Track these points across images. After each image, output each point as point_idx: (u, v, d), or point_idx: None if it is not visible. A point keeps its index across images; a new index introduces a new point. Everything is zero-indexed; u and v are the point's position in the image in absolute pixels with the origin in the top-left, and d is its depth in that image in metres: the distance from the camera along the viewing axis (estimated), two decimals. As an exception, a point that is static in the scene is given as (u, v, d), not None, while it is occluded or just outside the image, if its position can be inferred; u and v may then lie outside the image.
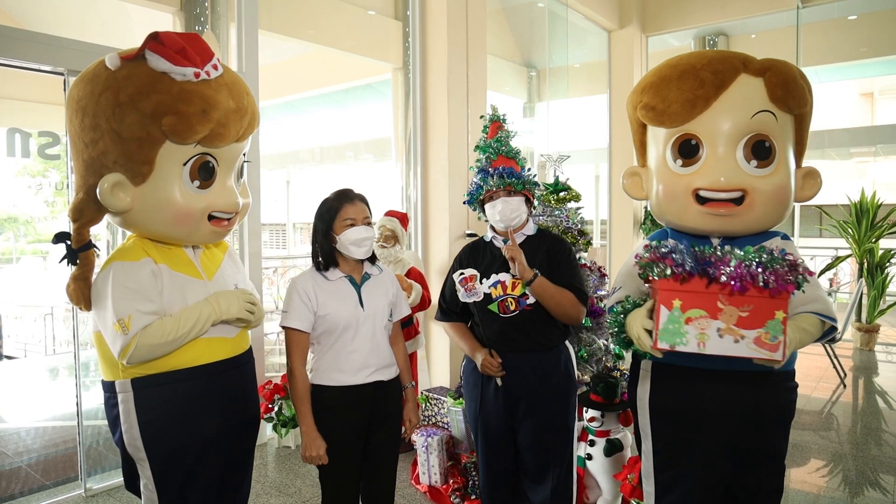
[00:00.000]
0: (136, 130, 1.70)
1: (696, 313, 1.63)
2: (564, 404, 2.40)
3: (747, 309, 1.58)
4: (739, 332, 1.59)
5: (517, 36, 7.17)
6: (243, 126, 1.85)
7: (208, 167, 1.82)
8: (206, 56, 1.78)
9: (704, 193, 1.85)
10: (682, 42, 8.16)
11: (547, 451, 2.36)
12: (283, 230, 15.34)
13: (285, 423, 3.95)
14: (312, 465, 2.10)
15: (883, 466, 3.72)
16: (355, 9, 4.84)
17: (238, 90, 1.85)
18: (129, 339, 1.67)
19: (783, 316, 1.56)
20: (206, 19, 3.74)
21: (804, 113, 1.90)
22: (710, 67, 1.83)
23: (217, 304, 1.83)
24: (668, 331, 1.65)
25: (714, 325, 1.61)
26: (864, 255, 7.07)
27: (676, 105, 1.86)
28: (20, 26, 3.47)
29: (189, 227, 1.84)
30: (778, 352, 1.57)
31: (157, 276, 1.78)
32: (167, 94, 1.69)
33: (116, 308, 1.69)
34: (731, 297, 1.59)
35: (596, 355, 3.29)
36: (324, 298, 2.11)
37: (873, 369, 6.23)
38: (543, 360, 2.35)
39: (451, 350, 4.48)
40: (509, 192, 2.34)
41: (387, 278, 2.27)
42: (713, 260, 1.61)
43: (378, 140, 8.80)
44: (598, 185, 8.02)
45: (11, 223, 15.51)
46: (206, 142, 1.77)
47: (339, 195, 2.17)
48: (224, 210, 1.88)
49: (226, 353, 1.90)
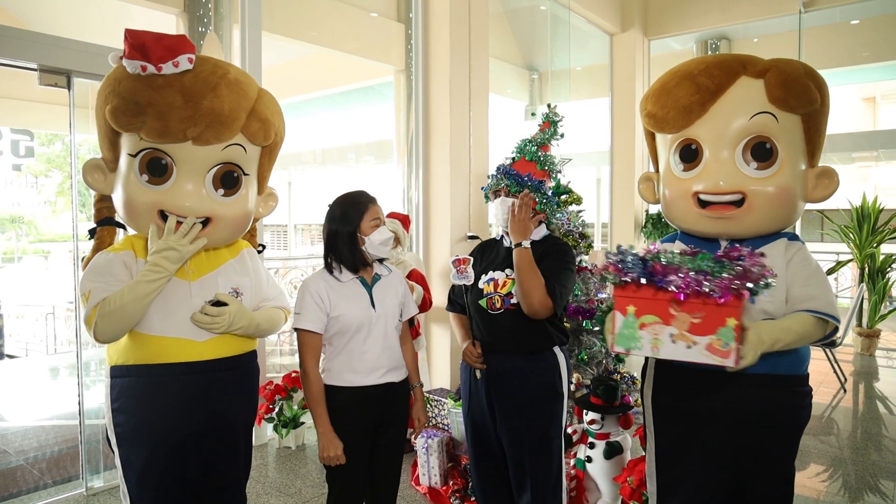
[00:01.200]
0: (100, 119, 1.86)
1: (650, 319, 1.67)
2: (545, 415, 2.32)
3: (699, 316, 1.61)
4: (692, 339, 1.62)
5: (519, 39, 7.18)
6: (196, 127, 1.78)
7: (160, 164, 1.82)
8: (172, 53, 1.78)
9: (704, 197, 1.87)
10: (684, 46, 8.16)
11: (521, 460, 2.31)
12: (285, 231, 15.36)
13: (286, 423, 3.95)
14: (330, 464, 2.11)
15: (883, 472, 3.72)
16: (357, 11, 4.85)
17: (197, 89, 1.79)
18: (90, 309, 1.76)
19: (735, 323, 1.57)
20: (209, 20, 3.75)
21: (812, 112, 1.84)
22: (707, 73, 1.85)
23: (166, 262, 1.80)
24: (624, 335, 1.72)
25: (667, 331, 1.65)
26: (866, 260, 7.07)
27: (674, 111, 1.89)
28: (23, 26, 3.48)
29: (137, 220, 1.88)
30: (730, 358, 1.59)
31: (128, 267, 1.86)
32: (114, 85, 1.80)
33: (83, 284, 1.82)
34: (682, 305, 1.62)
35: (596, 358, 3.30)
36: (336, 300, 2.11)
37: (874, 374, 6.22)
38: (526, 365, 2.31)
39: (451, 352, 4.49)
40: (511, 194, 2.38)
41: (396, 279, 2.28)
42: (659, 269, 1.64)
43: (380, 142, 8.82)
44: (599, 188, 8.03)
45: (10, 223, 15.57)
46: (148, 136, 1.78)
47: (360, 197, 2.17)
48: (176, 211, 1.84)
49: (194, 355, 1.87)
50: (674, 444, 1.95)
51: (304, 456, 3.90)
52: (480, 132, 4.81)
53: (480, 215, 4.74)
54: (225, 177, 1.90)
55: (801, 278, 1.81)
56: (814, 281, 1.80)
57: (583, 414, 3.12)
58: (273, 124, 1.97)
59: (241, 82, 1.91)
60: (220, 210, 1.90)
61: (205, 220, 1.88)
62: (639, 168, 7.39)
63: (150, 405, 1.85)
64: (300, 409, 4.00)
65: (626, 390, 3.19)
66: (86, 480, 3.37)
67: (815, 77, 1.85)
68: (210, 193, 1.89)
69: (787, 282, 1.81)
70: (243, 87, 1.90)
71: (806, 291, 1.78)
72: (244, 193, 1.96)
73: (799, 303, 1.78)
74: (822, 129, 1.90)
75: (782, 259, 1.84)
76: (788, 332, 1.72)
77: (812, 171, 1.90)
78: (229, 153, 1.88)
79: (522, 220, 2.25)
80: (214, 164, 1.87)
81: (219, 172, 1.88)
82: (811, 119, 1.85)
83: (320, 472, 3.63)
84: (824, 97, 1.86)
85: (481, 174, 4.74)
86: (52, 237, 16.78)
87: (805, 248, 1.89)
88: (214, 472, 1.98)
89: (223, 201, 1.91)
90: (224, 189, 1.91)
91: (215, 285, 1.93)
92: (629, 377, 3.25)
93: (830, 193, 1.92)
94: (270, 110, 1.97)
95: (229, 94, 1.84)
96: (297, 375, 4.07)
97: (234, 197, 1.93)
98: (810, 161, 1.90)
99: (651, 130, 2.04)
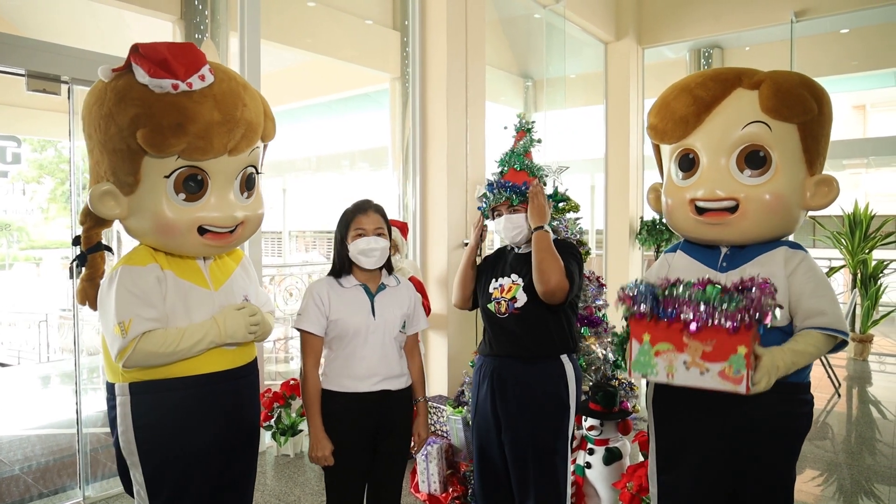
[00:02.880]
0: (117, 143, 1.71)
1: (664, 347, 1.74)
2: (549, 425, 2.31)
3: (711, 344, 1.67)
4: (704, 366, 1.69)
5: (514, 47, 7.22)
6: (234, 139, 1.78)
7: (196, 180, 1.78)
8: (194, 66, 1.72)
9: (700, 204, 1.94)
10: (677, 54, 8.23)
11: (524, 467, 2.31)
12: (279, 238, 15.33)
13: (284, 431, 3.95)
14: (318, 465, 2.14)
15: (877, 476, 3.75)
16: (353, 18, 4.87)
17: (229, 101, 1.77)
18: (127, 342, 1.69)
19: (745, 351, 1.63)
20: (205, 28, 3.76)
21: (808, 121, 1.86)
22: (703, 85, 1.94)
23: (224, 325, 1.83)
24: (640, 362, 1.79)
25: (681, 358, 1.72)
26: (858, 266, 7.14)
27: (671, 123, 1.98)
28: (19, 34, 3.48)
29: (176, 240, 1.82)
30: (741, 384, 1.65)
31: (161, 282, 1.80)
32: (144, 107, 1.67)
33: (118, 311, 1.72)
34: (693, 334, 1.69)
35: (594, 364, 3.31)
36: (336, 304, 2.16)
37: (867, 379, 6.27)
38: (531, 372, 2.31)
39: (449, 359, 4.49)
40: (511, 209, 2.40)
41: (404, 291, 2.30)
42: (671, 301, 1.72)
43: (375, 149, 8.83)
44: (593, 196, 8.06)
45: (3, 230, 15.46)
46: (186, 155, 1.72)
47: (355, 206, 2.23)
48: (216, 224, 1.84)
49: (225, 364, 1.89)
50: (674, 445, 1.97)
51: (303, 464, 3.89)
52: (477, 139, 4.83)
53: (477, 222, 4.75)
54: (248, 180, 1.93)
55: (808, 290, 1.82)
56: (822, 293, 1.82)
57: (582, 420, 3.13)
58: (274, 120, 2.02)
59: (251, 87, 1.93)
60: (248, 213, 1.93)
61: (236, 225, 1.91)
62: (633, 175, 7.43)
63: (188, 418, 1.82)
64: (298, 417, 3.99)
65: (624, 396, 3.21)
66: (83, 490, 3.35)
67: (812, 87, 1.88)
68: (239, 200, 1.90)
69: (792, 291, 1.83)
70: (255, 92, 1.93)
71: (815, 306, 1.80)
72: (259, 192, 2.00)
73: (809, 318, 1.81)
74: (822, 138, 1.92)
75: (781, 267, 1.86)
76: (803, 356, 1.77)
77: (811, 180, 1.92)
78: (253, 156, 1.91)
79: (541, 205, 2.33)
80: (241, 170, 1.89)
81: (243, 177, 1.90)
82: (808, 128, 1.87)
83: (319, 480, 3.62)
84: (822, 107, 1.88)
85: (478, 181, 4.76)
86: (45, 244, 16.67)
87: (809, 256, 1.91)
88: (240, 480, 2.00)
89: (247, 203, 1.94)
90: (247, 191, 1.93)
91: (233, 293, 1.95)
92: (627, 383, 3.27)
93: (829, 202, 1.93)
94: (269, 107, 2.02)
95: (252, 101, 1.86)
96: (295, 383, 4.07)
97: (254, 197, 1.97)
98: (809, 169, 1.92)
99: (654, 142, 2.12)
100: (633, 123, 7.41)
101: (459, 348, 4.46)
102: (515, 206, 2.39)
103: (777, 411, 1.85)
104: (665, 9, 7.36)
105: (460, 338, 4.57)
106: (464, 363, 4.25)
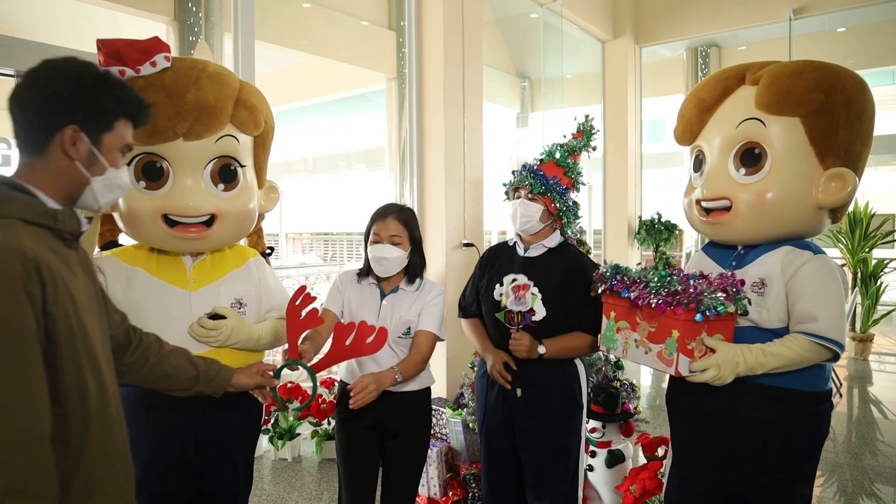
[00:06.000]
0: None
1: (623, 325, 1.91)
2: (564, 425, 2.31)
3: (654, 325, 1.79)
4: (648, 345, 1.81)
5: (511, 46, 7.20)
6: (184, 121, 1.75)
7: (155, 167, 1.79)
8: (146, 55, 1.75)
9: (703, 203, 1.98)
10: (674, 53, 8.22)
11: (542, 469, 2.30)
12: (276, 240, 15.29)
13: (281, 435, 3.91)
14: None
15: (879, 476, 3.72)
16: (348, 19, 4.85)
17: (179, 83, 1.76)
18: None
19: (678, 335, 1.70)
20: (199, 29, 3.72)
21: (812, 112, 1.77)
22: (707, 86, 1.99)
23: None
24: (606, 336, 1.99)
25: (633, 336, 1.87)
26: (858, 265, 7.11)
27: (681, 126, 2.07)
28: (10, 35, 3.44)
29: (141, 230, 1.83)
30: (671, 367, 1.73)
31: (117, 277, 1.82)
32: None
33: None
34: (643, 314, 1.82)
35: (596, 365, 3.28)
36: (349, 295, 2.27)
37: (868, 379, 6.25)
38: (547, 377, 2.28)
39: (448, 361, 4.45)
40: (530, 196, 2.32)
41: (419, 295, 2.24)
42: (627, 282, 1.86)
43: (372, 150, 8.82)
44: (591, 195, 8.04)
45: None
46: (138, 140, 1.70)
47: (378, 210, 2.25)
48: (179, 213, 1.81)
49: None
50: (686, 444, 1.98)
51: (301, 468, 3.85)
52: (475, 139, 4.80)
53: (475, 223, 4.72)
54: (222, 171, 1.87)
55: (808, 293, 1.74)
56: (821, 298, 1.73)
57: (583, 422, 3.10)
58: (261, 111, 1.96)
59: (222, 74, 1.89)
60: (224, 206, 1.87)
61: (210, 218, 1.85)
62: (631, 174, 7.41)
63: (146, 417, 1.80)
64: (296, 421, 3.95)
65: (626, 398, 3.17)
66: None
67: (819, 76, 1.79)
68: (211, 190, 1.86)
69: (790, 292, 1.77)
70: (224, 78, 1.88)
71: (809, 310, 1.72)
72: (245, 186, 1.94)
73: (800, 322, 1.74)
74: (840, 128, 1.78)
75: (778, 267, 1.80)
76: (775, 357, 1.71)
77: (824, 174, 1.81)
78: (223, 145, 1.86)
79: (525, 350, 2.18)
80: (210, 159, 1.84)
81: (215, 167, 1.86)
82: (814, 120, 1.78)
83: (317, 485, 3.59)
84: (833, 95, 1.77)
85: (476, 181, 4.73)
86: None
87: (820, 258, 1.80)
88: (210, 488, 1.94)
89: (225, 196, 1.88)
90: (224, 184, 1.88)
91: (217, 295, 1.89)
92: (629, 384, 3.23)
93: (842, 198, 1.80)
94: (256, 98, 1.96)
95: (212, 86, 1.82)
96: (292, 386, 4.03)
97: (236, 191, 1.91)
98: (822, 163, 1.81)
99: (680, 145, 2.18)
100: (630, 122, 7.40)
101: (458, 350, 4.42)
102: (535, 194, 2.32)
103: (787, 418, 1.79)
104: (662, 7, 7.35)
105: (459, 339, 4.53)
106: (463, 365, 4.22)
